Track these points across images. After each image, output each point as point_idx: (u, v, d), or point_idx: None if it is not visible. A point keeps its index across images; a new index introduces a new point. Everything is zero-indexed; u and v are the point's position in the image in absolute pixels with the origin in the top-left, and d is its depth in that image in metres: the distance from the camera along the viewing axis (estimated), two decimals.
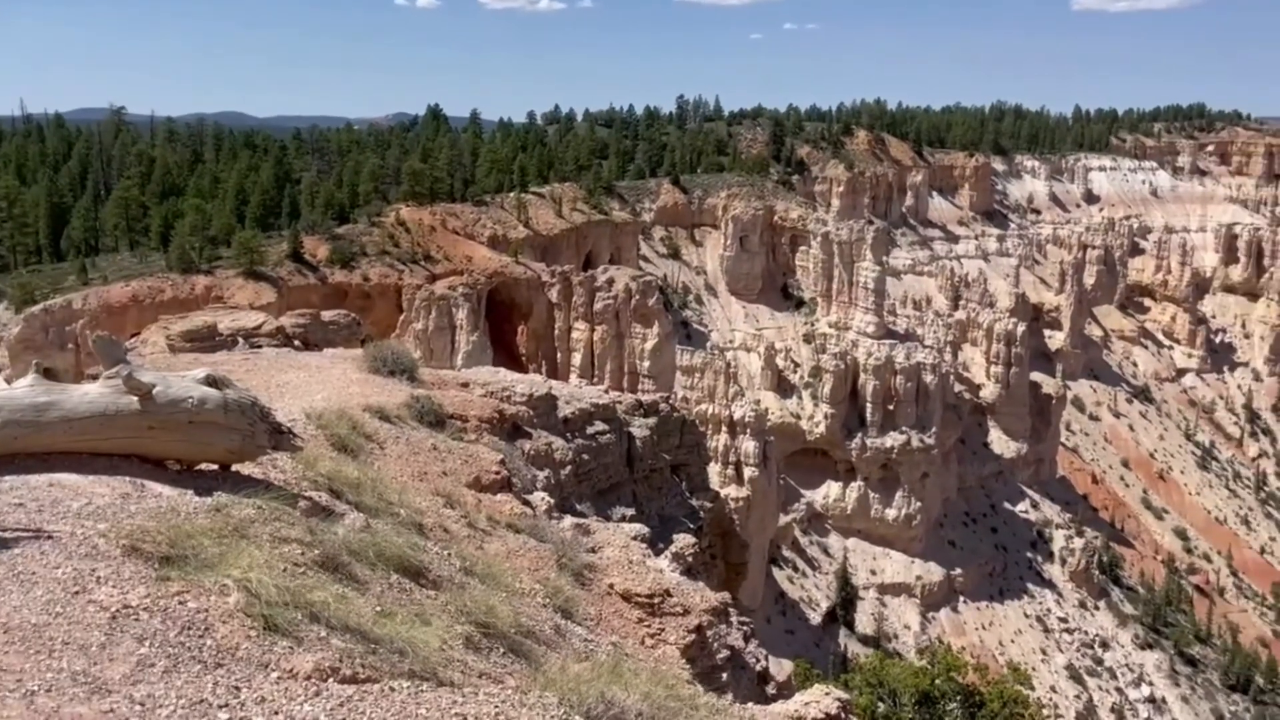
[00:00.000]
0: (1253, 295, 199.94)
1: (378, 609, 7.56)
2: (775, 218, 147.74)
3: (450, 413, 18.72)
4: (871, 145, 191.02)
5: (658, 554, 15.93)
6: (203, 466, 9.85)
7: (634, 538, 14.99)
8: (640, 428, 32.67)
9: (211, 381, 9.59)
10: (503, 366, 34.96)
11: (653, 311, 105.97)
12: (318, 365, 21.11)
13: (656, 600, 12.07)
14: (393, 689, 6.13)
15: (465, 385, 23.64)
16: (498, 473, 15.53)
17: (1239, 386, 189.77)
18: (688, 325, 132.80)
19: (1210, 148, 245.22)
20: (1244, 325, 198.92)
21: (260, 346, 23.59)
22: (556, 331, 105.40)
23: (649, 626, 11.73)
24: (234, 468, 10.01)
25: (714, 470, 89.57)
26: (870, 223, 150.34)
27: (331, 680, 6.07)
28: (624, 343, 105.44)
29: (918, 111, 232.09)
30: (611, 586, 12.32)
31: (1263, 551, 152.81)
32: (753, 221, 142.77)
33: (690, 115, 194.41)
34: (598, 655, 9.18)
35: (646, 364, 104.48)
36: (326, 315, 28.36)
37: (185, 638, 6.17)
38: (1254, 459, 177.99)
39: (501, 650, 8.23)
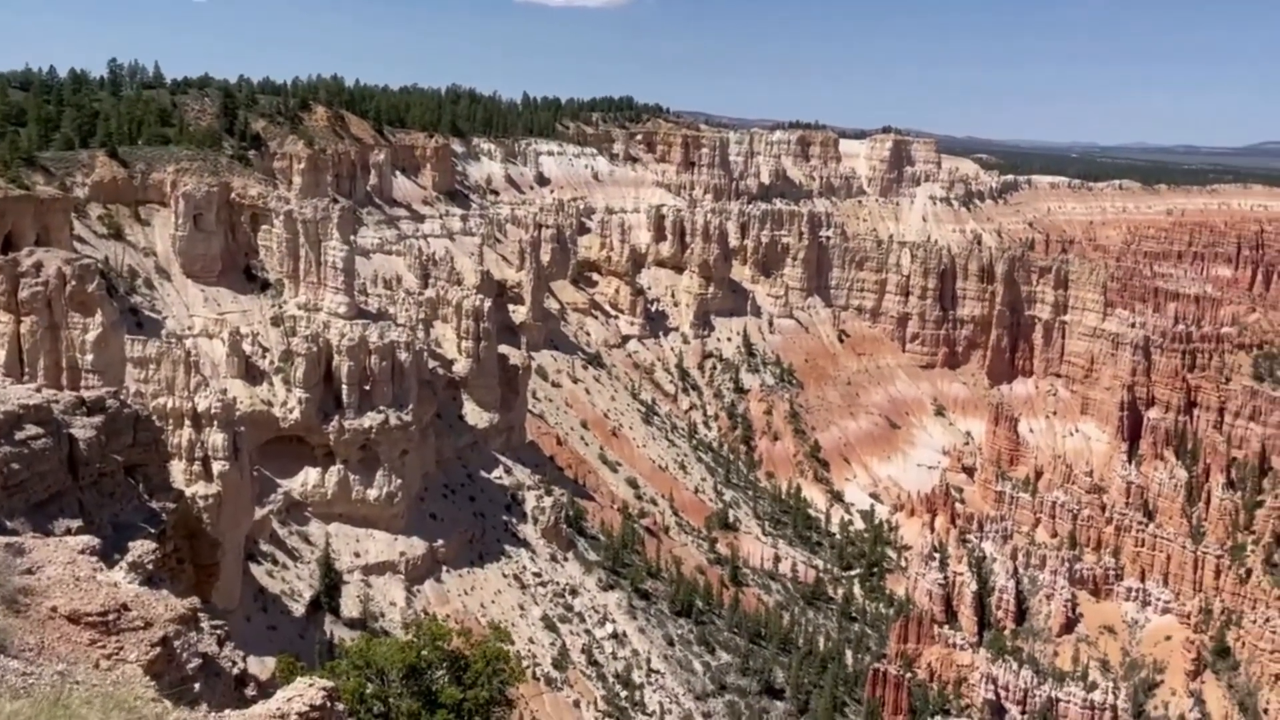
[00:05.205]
0: (679, 268, 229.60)
1: None
2: (233, 195, 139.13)
3: None
4: (331, 122, 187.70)
5: (112, 566, 14.36)
6: None
7: (81, 551, 13.37)
8: (84, 428, 29.09)
9: None
10: None
11: (93, 298, 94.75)
12: None
13: (111, 617, 10.89)
14: None
15: None
16: None
17: (672, 349, 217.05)
18: (138, 312, 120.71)
19: (639, 137, 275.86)
20: (674, 295, 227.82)
21: None
22: None
23: (104, 647, 10.55)
24: None
25: (178, 468, 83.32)
26: (335, 201, 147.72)
27: None
28: (59, 335, 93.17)
29: (376, 90, 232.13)
30: (55, 609, 10.89)
31: (696, 491, 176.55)
32: (207, 199, 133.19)
33: (126, 81, 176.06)
34: (39, 689, 8.09)
35: (89, 357, 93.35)
36: None
37: None
38: (686, 411, 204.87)
39: None
